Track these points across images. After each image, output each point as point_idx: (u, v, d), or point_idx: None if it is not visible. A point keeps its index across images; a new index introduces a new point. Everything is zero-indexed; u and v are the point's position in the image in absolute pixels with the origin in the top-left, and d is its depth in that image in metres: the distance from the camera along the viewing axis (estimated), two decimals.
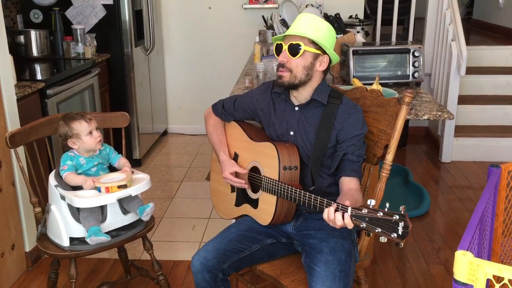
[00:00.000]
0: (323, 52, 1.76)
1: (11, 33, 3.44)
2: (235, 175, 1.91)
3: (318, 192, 1.71)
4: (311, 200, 1.61)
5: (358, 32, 3.92)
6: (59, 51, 3.66)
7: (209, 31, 4.78)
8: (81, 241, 1.97)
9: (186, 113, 5.02)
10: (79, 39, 3.64)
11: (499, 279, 1.02)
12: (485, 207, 1.48)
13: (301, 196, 1.65)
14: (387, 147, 1.77)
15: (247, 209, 1.92)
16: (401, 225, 1.30)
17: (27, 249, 2.70)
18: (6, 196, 2.50)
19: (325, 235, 1.75)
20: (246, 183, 1.90)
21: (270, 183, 1.76)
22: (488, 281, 1.03)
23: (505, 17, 5.84)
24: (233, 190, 2.00)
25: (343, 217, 1.42)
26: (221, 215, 2.10)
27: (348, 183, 1.73)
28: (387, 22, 4.81)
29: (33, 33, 3.47)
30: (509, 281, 1.00)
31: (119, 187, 1.94)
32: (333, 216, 1.45)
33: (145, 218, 2.05)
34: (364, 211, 1.37)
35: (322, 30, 1.74)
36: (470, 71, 4.34)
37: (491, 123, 4.42)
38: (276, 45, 1.79)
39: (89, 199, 1.91)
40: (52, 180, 2.03)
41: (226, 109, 2.02)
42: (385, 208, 1.36)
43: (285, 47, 1.74)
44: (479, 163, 4.20)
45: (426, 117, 2.34)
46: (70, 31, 3.66)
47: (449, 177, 4.00)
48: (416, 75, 2.97)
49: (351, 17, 4.59)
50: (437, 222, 3.24)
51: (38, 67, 3.37)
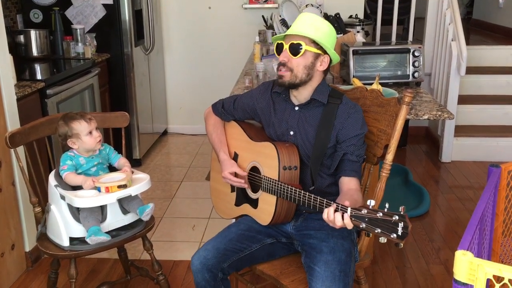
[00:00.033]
0: (324, 52, 1.76)
1: (11, 33, 3.44)
2: (235, 175, 1.91)
3: (318, 192, 1.71)
4: (310, 200, 1.61)
5: (358, 32, 3.92)
6: (59, 51, 3.66)
7: (209, 31, 4.78)
8: (81, 241, 1.97)
9: (186, 113, 5.02)
10: (79, 39, 3.64)
11: (499, 279, 1.02)
12: (485, 207, 1.48)
13: (300, 196, 1.65)
14: (387, 147, 1.77)
15: (247, 209, 1.92)
16: (400, 225, 1.30)
17: (27, 249, 2.70)
18: (6, 196, 2.50)
19: (325, 235, 1.75)
20: (246, 183, 1.90)
21: (270, 183, 1.76)
22: (488, 281, 1.03)
23: (505, 17, 5.84)
24: (233, 190, 2.00)
25: (342, 218, 1.42)
26: (221, 214, 2.10)
27: (347, 183, 1.73)
28: (387, 22, 4.81)
29: (33, 33, 3.47)
30: (509, 281, 0.99)
31: (119, 187, 1.94)
32: (333, 216, 1.44)
33: (145, 218, 2.05)
34: (364, 211, 1.37)
35: (323, 30, 1.74)
36: (470, 71, 4.34)
37: (491, 123, 4.42)
38: (277, 44, 1.79)
39: (89, 199, 1.91)
40: (52, 180, 2.02)
41: (226, 109, 2.02)
42: (384, 208, 1.36)
43: (286, 46, 1.74)
44: (479, 163, 4.20)
45: (426, 117, 2.34)
46: (70, 31, 3.66)
47: (449, 177, 4.00)
48: (416, 75, 2.96)
49: (351, 17, 4.59)
50: (437, 222, 3.24)
51: (38, 67, 3.37)
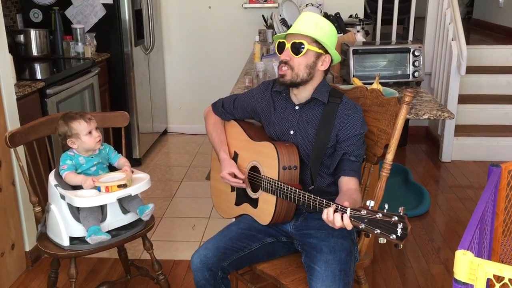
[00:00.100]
0: (325, 52, 1.76)
1: (11, 32, 3.43)
2: (234, 175, 1.91)
3: (317, 192, 1.71)
4: (310, 200, 1.60)
5: (358, 31, 3.92)
6: (59, 50, 3.66)
7: (209, 30, 4.78)
8: (81, 240, 1.97)
9: (186, 112, 5.02)
10: (79, 38, 3.63)
11: (499, 278, 1.02)
12: (486, 207, 1.48)
13: (300, 196, 1.64)
14: (387, 147, 1.77)
15: (247, 208, 1.92)
16: (400, 226, 1.30)
17: (27, 248, 2.70)
18: (6, 195, 2.50)
19: (325, 234, 1.75)
20: (245, 183, 1.90)
21: (269, 183, 1.76)
22: (489, 280, 1.02)
23: (505, 16, 5.83)
24: (233, 190, 2.00)
25: (342, 218, 1.42)
26: (221, 214, 2.10)
27: (347, 182, 1.73)
28: (387, 21, 4.81)
29: (33, 33, 3.47)
30: (510, 280, 0.99)
31: (119, 186, 1.94)
32: (332, 217, 1.44)
33: (145, 218, 2.04)
34: (363, 212, 1.37)
35: (325, 29, 1.74)
36: (470, 70, 4.34)
37: (491, 122, 4.41)
38: (278, 43, 1.78)
39: (89, 199, 1.91)
40: (52, 179, 2.02)
41: (226, 108, 2.02)
42: (384, 209, 1.36)
43: (287, 45, 1.74)
44: (479, 163, 4.20)
45: (426, 116, 2.34)
46: (70, 30, 3.65)
47: (449, 176, 4.00)
48: (416, 74, 2.96)
49: (351, 16, 4.58)
50: (437, 222, 3.24)
51: (38, 67, 3.37)
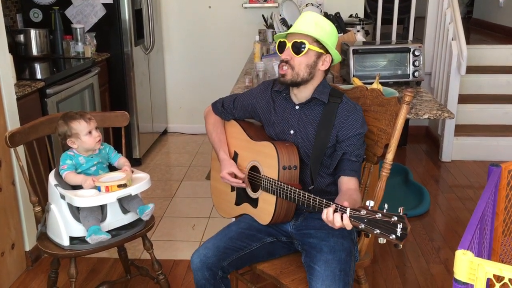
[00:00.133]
0: (326, 51, 1.75)
1: (11, 32, 3.43)
2: (234, 175, 1.91)
3: (317, 191, 1.70)
4: (310, 200, 1.60)
5: (358, 31, 3.92)
6: (59, 50, 3.66)
7: (209, 30, 4.78)
8: (81, 240, 1.97)
9: (186, 112, 5.02)
10: (79, 38, 3.63)
11: (499, 278, 1.02)
12: (486, 206, 1.48)
13: (300, 196, 1.64)
14: (387, 146, 1.77)
15: (247, 208, 1.92)
16: (399, 226, 1.30)
17: (27, 248, 2.70)
18: (6, 195, 2.50)
19: (325, 234, 1.75)
20: (245, 183, 1.90)
21: (269, 183, 1.76)
22: (489, 280, 1.02)
23: (505, 16, 5.83)
24: (233, 189, 2.00)
25: (341, 218, 1.42)
26: (221, 214, 2.10)
27: (347, 182, 1.73)
28: (387, 21, 4.81)
29: (32, 32, 3.47)
30: (510, 280, 0.99)
31: (119, 186, 1.94)
32: (332, 217, 1.44)
33: (145, 218, 2.04)
34: (363, 212, 1.37)
35: (326, 29, 1.73)
36: (470, 70, 4.34)
37: (491, 122, 4.41)
38: (279, 42, 1.78)
39: (89, 199, 1.91)
40: (52, 179, 2.02)
41: (226, 108, 2.02)
42: (384, 209, 1.36)
43: (288, 44, 1.74)
44: (479, 162, 4.20)
45: (426, 116, 2.34)
46: (70, 30, 3.65)
47: (449, 176, 4.00)
48: (416, 74, 2.96)
49: (351, 16, 4.58)
50: (437, 222, 3.24)
51: (38, 66, 3.37)
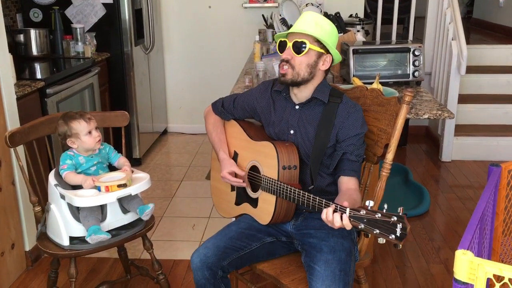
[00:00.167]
0: (327, 51, 1.75)
1: (11, 32, 3.43)
2: (235, 174, 1.91)
3: (317, 191, 1.70)
4: (309, 200, 1.60)
5: (358, 31, 3.92)
6: (58, 50, 3.66)
7: (209, 30, 4.78)
8: (81, 240, 1.97)
9: (186, 112, 5.02)
10: (79, 38, 3.63)
11: (499, 278, 1.02)
12: (486, 206, 1.48)
13: (299, 196, 1.64)
14: (387, 146, 1.76)
15: (247, 208, 1.92)
16: (399, 226, 1.30)
17: (27, 248, 2.70)
18: (6, 195, 2.50)
19: (325, 234, 1.75)
20: (245, 182, 1.90)
21: (269, 183, 1.76)
22: (489, 280, 1.02)
23: (505, 16, 5.83)
24: (233, 189, 2.00)
25: (341, 218, 1.42)
26: (221, 213, 2.10)
27: (347, 182, 1.73)
28: (387, 21, 4.81)
29: (32, 32, 3.47)
30: (510, 280, 0.99)
31: (119, 186, 1.94)
32: (332, 217, 1.44)
33: (145, 218, 2.04)
34: (362, 212, 1.37)
35: (327, 29, 1.74)
36: (470, 70, 4.34)
37: (491, 122, 4.41)
38: (280, 42, 1.78)
39: (89, 198, 1.91)
40: (52, 179, 2.02)
41: (226, 108, 2.02)
42: (383, 209, 1.36)
43: (289, 44, 1.74)
44: (479, 162, 4.20)
45: (426, 116, 2.34)
46: (70, 30, 3.65)
47: (449, 176, 4.00)
48: (416, 74, 2.96)
49: (351, 16, 4.58)
50: (437, 221, 3.24)
51: (37, 66, 3.37)
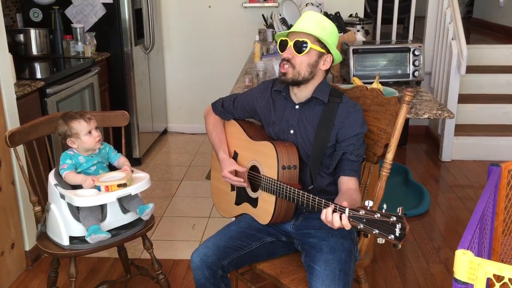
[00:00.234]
0: (327, 51, 1.75)
1: (11, 32, 3.43)
2: (235, 174, 1.91)
3: (317, 191, 1.70)
4: (309, 200, 1.60)
5: (358, 31, 3.92)
6: (58, 50, 3.66)
7: (209, 30, 4.78)
8: (81, 240, 1.97)
9: (186, 112, 5.02)
10: (78, 38, 3.63)
11: (499, 278, 1.02)
12: (486, 206, 1.48)
13: (299, 196, 1.64)
14: (387, 146, 1.76)
15: (247, 208, 1.92)
16: (398, 226, 1.30)
17: (27, 248, 2.70)
18: (6, 195, 2.50)
19: (325, 234, 1.75)
20: (245, 182, 1.90)
21: (269, 183, 1.76)
22: (488, 280, 1.02)
23: (505, 15, 5.83)
24: (233, 189, 2.00)
25: (340, 218, 1.42)
26: (221, 213, 2.10)
27: (346, 182, 1.73)
28: (387, 21, 4.81)
29: (32, 32, 3.47)
30: (510, 280, 0.99)
31: (119, 186, 1.94)
32: (331, 217, 1.44)
33: (145, 218, 2.04)
34: (362, 212, 1.37)
35: (327, 29, 1.74)
36: (470, 70, 4.34)
37: (491, 122, 4.41)
38: (281, 41, 1.78)
39: (89, 198, 1.91)
40: (51, 179, 2.02)
41: (226, 108, 2.02)
42: (382, 209, 1.36)
43: (290, 43, 1.74)
44: (479, 162, 4.20)
45: (426, 116, 2.34)
46: (70, 30, 3.65)
47: (449, 176, 4.00)
48: (416, 74, 2.96)
49: (351, 16, 4.58)
50: (437, 221, 3.24)
51: (37, 66, 3.37)
